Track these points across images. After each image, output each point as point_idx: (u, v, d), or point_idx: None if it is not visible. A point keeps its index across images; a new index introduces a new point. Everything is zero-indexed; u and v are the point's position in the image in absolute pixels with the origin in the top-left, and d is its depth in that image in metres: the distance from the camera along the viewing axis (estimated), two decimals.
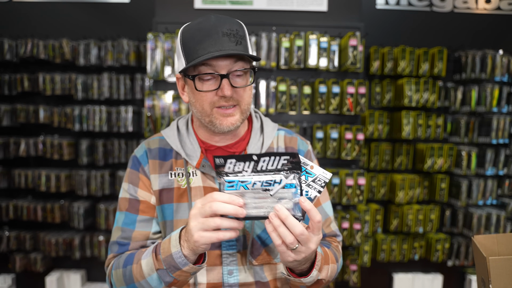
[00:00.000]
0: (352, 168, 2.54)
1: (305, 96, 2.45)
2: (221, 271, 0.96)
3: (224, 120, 0.92)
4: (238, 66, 0.90)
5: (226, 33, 0.87)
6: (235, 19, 0.93)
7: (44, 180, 3.05)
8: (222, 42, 0.86)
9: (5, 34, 3.07)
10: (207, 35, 0.87)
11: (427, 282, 3.11)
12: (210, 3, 2.52)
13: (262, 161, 0.72)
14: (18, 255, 3.11)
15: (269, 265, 0.99)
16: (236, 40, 0.88)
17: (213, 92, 0.90)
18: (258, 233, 0.97)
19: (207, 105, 0.92)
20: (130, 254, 0.94)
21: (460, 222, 3.06)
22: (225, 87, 0.88)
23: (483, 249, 0.90)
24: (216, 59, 0.88)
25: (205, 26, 0.89)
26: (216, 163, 0.73)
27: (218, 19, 0.89)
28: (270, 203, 0.73)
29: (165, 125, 2.43)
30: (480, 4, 3.15)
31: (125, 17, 3.11)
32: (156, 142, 1.04)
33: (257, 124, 1.07)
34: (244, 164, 0.73)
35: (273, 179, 0.72)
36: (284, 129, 1.12)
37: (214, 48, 0.86)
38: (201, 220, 0.73)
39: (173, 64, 2.38)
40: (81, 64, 2.97)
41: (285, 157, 0.72)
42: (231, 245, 0.96)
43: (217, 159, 0.72)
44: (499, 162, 2.97)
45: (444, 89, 3.01)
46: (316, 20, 2.56)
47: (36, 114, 3.07)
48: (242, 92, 0.92)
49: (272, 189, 0.72)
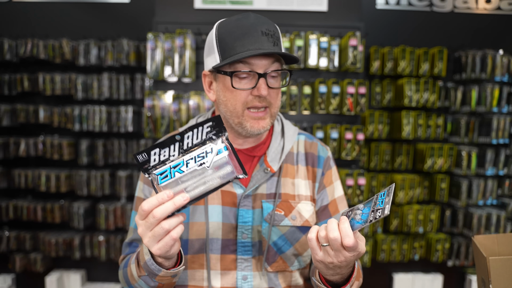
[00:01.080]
0: (352, 168, 2.54)
1: (305, 96, 2.45)
2: (235, 276, 0.95)
3: (255, 123, 0.91)
4: (275, 67, 0.89)
5: (265, 33, 0.87)
6: (271, 21, 0.93)
7: (44, 180, 3.05)
8: (261, 41, 0.86)
9: (5, 34, 3.07)
10: (247, 33, 0.86)
11: (427, 282, 3.11)
12: (210, 3, 2.52)
13: (186, 138, 0.69)
14: (18, 255, 3.11)
15: (284, 272, 0.98)
16: (273, 41, 0.88)
17: (248, 92, 0.89)
18: (274, 240, 0.96)
19: (239, 104, 0.90)
20: (130, 256, 0.94)
21: (460, 222, 3.05)
22: (262, 86, 0.87)
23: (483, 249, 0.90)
24: (255, 58, 0.87)
25: (244, 24, 0.88)
26: (139, 161, 0.67)
27: (257, 18, 0.89)
28: (211, 175, 0.69)
29: (165, 125, 2.43)
30: (480, 4, 3.15)
31: (125, 17, 3.11)
32: None
33: (278, 128, 1.05)
34: (169, 149, 0.68)
35: (203, 150, 0.69)
36: (305, 133, 1.10)
37: (254, 47, 0.85)
38: (150, 234, 0.69)
39: (173, 64, 2.38)
40: (81, 64, 2.97)
41: (207, 125, 0.69)
42: (247, 250, 0.96)
43: (138, 155, 0.67)
44: (499, 162, 2.97)
45: (444, 89, 3.01)
46: (316, 20, 2.56)
47: (36, 114, 3.07)
48: (275, 94, 0.92)
49: (207, 161, 0.69)
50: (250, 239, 0.96)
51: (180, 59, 2.35)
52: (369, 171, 3.05)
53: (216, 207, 0.95)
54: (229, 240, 0.96)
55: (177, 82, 2.52)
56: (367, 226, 0.85)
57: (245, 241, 0.96)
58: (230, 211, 0.95)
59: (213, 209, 0.95)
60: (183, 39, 2.35)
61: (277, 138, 1.03)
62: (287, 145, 1.01)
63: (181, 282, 0.96)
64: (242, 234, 0.95)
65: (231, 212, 0.95)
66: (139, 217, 0.70)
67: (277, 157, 1.00)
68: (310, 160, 1.04)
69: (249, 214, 0.95)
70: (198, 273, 0.95)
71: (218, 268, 0.95)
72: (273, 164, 0.98)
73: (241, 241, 0.96)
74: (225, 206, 0.95)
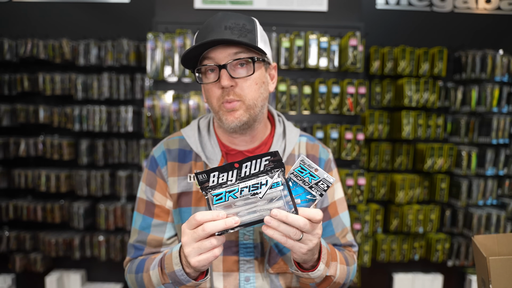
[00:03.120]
0: (352, 168, 2.54)
1: (305, 96, 2.45)
2: (238, 277, 0.95)
3: (229, 115, 0.89)
4: (240, 56, 0.87)
5: (229, 27, 0.86)
6: (247, 16, 0.91)
7: (44, 180, 3.05)
8: (222, 35, 0.84)
9: (5, 34, 3.07)
10: (210, 31, 0.86)
11: (427, 282, 3.11)
12: (210, 3, 2.52)
13: (244, 167, 0.72)
14: (18, 255, 3.11)
15: (285, 274, 0.98)
16: (240, 33, 0.86)
17: (217, 85, 0.88)
18: (276, 242, 0.96)
19: (214, 100, 0.90)
20: (141, 260, 0.94)
21: (460, 222, 3.05)
22: (222, 77, 0.86)
23: (483, 249, 0.90)
24: (214, 51, 0.86)
25: (210, 22, 0.88)
26: (199, 180, 0.71)
27: (224, 15, 0.88)
28: (262, 206, 0.72)
29: (165, 125, 2.43)
30: (480, 4, 3.15)
31: (125, 17, 3.10)
32: (176, 143, 1.02)
33: (280, 129, 1.04)
34: (227, 174, 0.72)
35: (258, 181, 0.72)
36: (306, 135, 1.09)
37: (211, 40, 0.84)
38: (195, 245, 0.71)
39: (173, 64, 2.38)
40: (81, 64, 2.97)
41: (266, 158, 0.72)
42: (249, 252, 0.95)
43: (199, 175, 0.71)
44: (499, 162, 2.97)
45: (444, 89, 3.01)
46: (316, 20, 2.56)
47: (36, 114, 3.07)
48: (245, 83, 0.88)
49: (260, 192, 0.71)
50: (252, 241, 0.96)
51: (180, 59, 2.35)
52: (369, 171, 3.05)
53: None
54: (231, 242, 0.96)
55: (177, 82, 2.52)
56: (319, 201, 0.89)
57: (247, 242, 0.96)
58: None
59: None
60: (183, 39, 2.35)
61: (278, 140, 1.02)
62: (289, 146, 1.01)
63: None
64: (244, 236, 0.96)
65: None
66: (187, 226, 0.72)
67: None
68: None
69: None
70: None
71: (221, 270, 0.95)
72: None
73: (243, 243, 0.96)
74: None
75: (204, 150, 0.98)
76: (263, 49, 0.87)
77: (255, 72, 0.90)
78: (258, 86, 0.91)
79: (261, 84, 0.92)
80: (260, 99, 0.92)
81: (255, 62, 0.89)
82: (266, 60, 0.94)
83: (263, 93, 0.93)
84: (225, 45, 0.86)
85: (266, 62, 0.95)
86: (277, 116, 1.07)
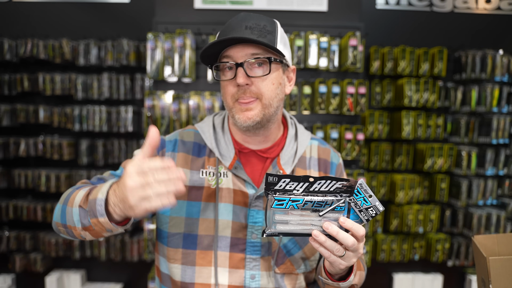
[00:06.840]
0: (352, 168, 2.54)
1: (305, 96, 2.45)
2: (243, 275, 0.95)
3: (242, 114, 0.90)
4: (256, 56, 0.88)
5: (249, 27, 0.87)
6: (269, 18, 0.92)
7: (44, 180, 3.05)
8: (242, 34, 0.86)
9: (5, 34, 3.07)
10: (232, 29, 0.87)
11: (427, 282, 3.11)
12: (210, 3, 2.52)
13: (317, 183, 0.72)
14: (18, 255, 3.11)
15: (291, 275, 0.98)
16: (259, 34, 0.87)
17: (233, 83, 0.89)
18: (285, 242, 0.97)
19: (229, 97, 0.91)
20: (88, 185, 0.89)
21: (460, 222, 3.05)
22: (238, 75, 0.87)
23: (483, 249, 0.90)
24: (232, 49, 0.88)
25: (232, 21, 0.89)
26: (268, 181, 0.72)
27: (246, 15, 0.90)
28: (315, 222, 0.73)
29: (165, 125, 2.43)
30: (480, 4, 3.15)
31: (125, 17, 3.10)
32: (191, 135, 1.02)
33: (292, 131, 1.05)
34: (297, 184, 0.72)
35: (325, 200, 0.72)
36: (317, 138, 1.11)
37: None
38: (147, 181, 0.64)
39: (173, 64, 2.38)
40: (81, 64, 2.96)
41: (341, 182, 0.72)
42: (256, 250, 0.96)
43: (270, 177, 0.71)
44: (499, 162, 2.97)
45: (444, 89, 3.01)
46: (316, 20, 2.56)
47: (36, 114, 3.07)
48: (262, 83, 0.89)
49: (322, 210, 0.73)
50: (260, 239, 0.97)
51: (180, 59, 2.35)
52: (369, 171, 3.05)
53: (227, 206, 0.96)
54: (239, 239, 0.96)
55: (177, 82, 2.52)
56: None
57: (254, 241, 0.96)
58: (241, 211, 0.96)
59: (223, 207, 0.95)
60: (183, 39, 2.35)
61: (290, 142, 1.03)
62: (300, 149, 1.02)
63: (189, 280, 0.96)
64: (252, 234, 0.96)
65: (241, 211, 0.96)
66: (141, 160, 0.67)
67: (290, 160, 1.00)
68: (323, 166, 1.05)
69: (260, 214, 0.96)
70: (205, 270, 0.95)
71: (227, 266, 0.95)
72: (286, 167, 0.99)
73: (251, 241, 0.96)
74: (236, 205, 0.96)
75: (218, 147, 0.99)
76: (281, 51, 0.89)
77: (272, 72, 0.90)
78: (275, 87, 0.92)
79: (277, 85, 0.93)
80: (276, 100, 0.93)
81: (272, 63, 0.89)
82: (284, 62, 0.94)
83: (279, 94, 0.94)
84: (244, 44, 0.87)
85: (284, 64, 0.95)
86: (289, 118, 1.08)
